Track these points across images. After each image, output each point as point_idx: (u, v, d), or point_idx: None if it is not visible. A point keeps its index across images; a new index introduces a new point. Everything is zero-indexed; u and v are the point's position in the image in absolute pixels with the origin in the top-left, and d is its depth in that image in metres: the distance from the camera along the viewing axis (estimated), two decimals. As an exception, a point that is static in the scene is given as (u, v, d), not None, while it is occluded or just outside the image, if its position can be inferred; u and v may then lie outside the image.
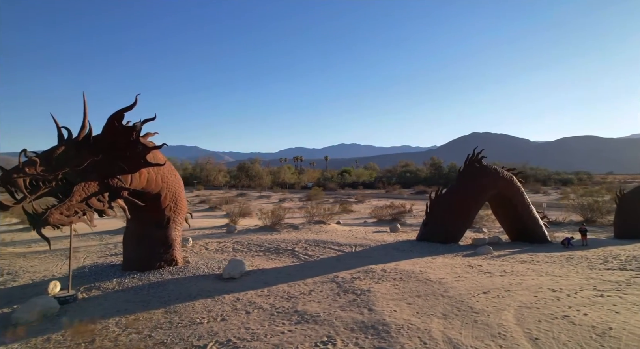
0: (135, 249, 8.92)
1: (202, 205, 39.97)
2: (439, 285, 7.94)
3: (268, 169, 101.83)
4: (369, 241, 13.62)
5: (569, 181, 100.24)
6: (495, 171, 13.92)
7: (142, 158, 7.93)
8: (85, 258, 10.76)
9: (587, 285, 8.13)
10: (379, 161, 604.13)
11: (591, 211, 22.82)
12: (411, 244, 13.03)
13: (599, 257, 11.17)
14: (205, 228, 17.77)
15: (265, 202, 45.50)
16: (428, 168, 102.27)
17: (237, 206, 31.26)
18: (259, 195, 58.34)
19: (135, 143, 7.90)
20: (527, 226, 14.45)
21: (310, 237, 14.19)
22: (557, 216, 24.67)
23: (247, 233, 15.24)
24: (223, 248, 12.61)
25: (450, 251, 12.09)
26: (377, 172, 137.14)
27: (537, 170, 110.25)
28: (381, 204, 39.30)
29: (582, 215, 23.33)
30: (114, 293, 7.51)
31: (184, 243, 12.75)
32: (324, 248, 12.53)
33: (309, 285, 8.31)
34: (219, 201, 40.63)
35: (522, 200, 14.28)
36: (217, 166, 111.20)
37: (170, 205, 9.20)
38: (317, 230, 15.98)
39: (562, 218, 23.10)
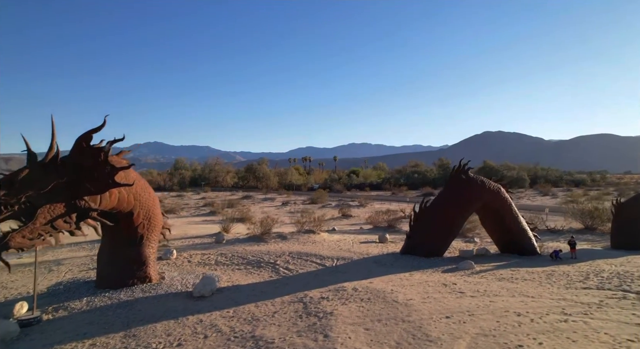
0: (108, 267, 9.08)
1: (205, 208, 40.35)
2: (405, 307, 7.89)
3: (275, 170, 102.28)
4: (353, 253, 13.59)
5: (581, 182, 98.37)
6: (482, 183, 13.74)
7: (111, 179, 8.06)
8: (66, 272, 10.98)
9: (557, 307, 7.99)
10: (389, 160, 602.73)
11: (591, 219, 22.36)
12: (394, 257, 12.96)
13: (580, 273, 10.95)
14: (195, 236, 17.95)
15: (269, 205, 45.74)
16: (437, 169, 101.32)
17: (235, 211, 31.53)
18: (263, 197, 58.63)
19: (103, 164, 8.05)
20: (515, 239, 14.25)
21: (295, 249, 14.23)
22: (557, 224, 24.26)
23: (235, 244, 15.36)
24: (206, 261, 12.74)
25: (432, 265, 12.00)
26: (385, 172, 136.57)
27: (548, 171, 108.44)
28: (383, 208, 39.19)
29: (582, 222, 22.89)
30: (80, 313, 7.65)
31: (168, 256, 12.92)
32: (305, 262, 12.56)
33: (276, 305, 8.35)
34: (221, 205, 41.00)
35: (510, 213, 14.07)
36: (226, 167, 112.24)
37: (144, 223, 9.33)
38: (304, 241, 16.01)
39: (560, 226, 22.69)
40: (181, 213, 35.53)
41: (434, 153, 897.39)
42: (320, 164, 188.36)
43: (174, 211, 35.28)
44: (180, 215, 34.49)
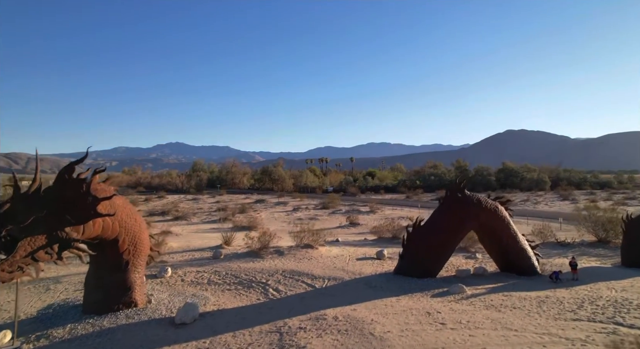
0: (94, 292, 9.33)
1: (216, 213, 40.92)
2: (379, 342, 7.80)
3: (290, 172, 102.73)
4: (346, 273, 13.52)
5: (607, 184, 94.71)
6: (478, 201, 13.43)
7: (93, 209, 8.30)
8: (62, 292, 11.34)
9: (538, 344, 7.73)
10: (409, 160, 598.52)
11: (605, 231, 21.52)
12: (386, 278, 12.82)
13: (575, 300, 10.56)
14: (196, 249, 18.23)
15: (281, 210, 46.02)
16: (454, 171, 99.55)
17: (244, 219, 31.90)
18: (276, 201, 58.99)
19: (85, 195, 8.28)
20: (514, 259, 13.87)
21: (289, 267, 14.27)
22: (568, 236, 23.47)
23: (231, 260, 15.52)
24: (199, 280, 12.93)
25: (422, 288, 11.81)
26: (403, 173, 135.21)
27: (572, 172, 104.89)
28: (394, 214, 38.88)
29: (595, 235, 22.07)
30: (60, 343, 7.91)
31: (162, 274, 13.18)
32: (296, 282, 12.59)
33: (254, 334, 8.40)
34: (232, 211, 41.53)
35: (508, 232, 13.69)
36: (242, 169, 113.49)
37: (129, 249, 9.55)
38: (301, 257, 16.03)
39: (571, 239, 21.93)
40: (192, 218, 36.18)
41: (454, 153, 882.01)
42: (338, 164, 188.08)
43: (185, 217, 35.98)
44: (192, 220, 35.13)
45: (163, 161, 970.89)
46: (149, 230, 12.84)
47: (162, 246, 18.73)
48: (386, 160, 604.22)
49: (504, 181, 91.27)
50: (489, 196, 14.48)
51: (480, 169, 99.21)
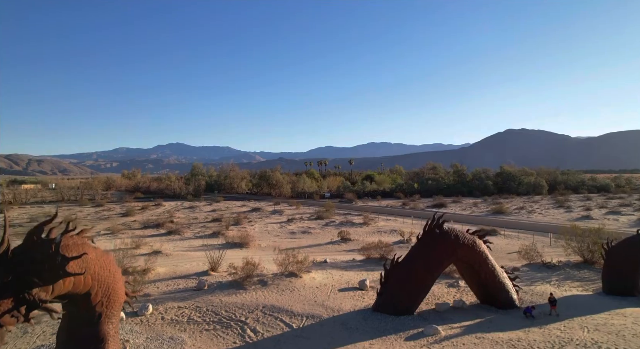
0: (65, 345, 9.45)
1: (211, 225, 41.03)
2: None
3: (288, 177, 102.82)
4: (325, 309, 13.64)
5: (604, 188, 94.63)
6: (456, 237, 13.55)
7: (62, 269, 8.42)
8: (39, 336, 11.48)
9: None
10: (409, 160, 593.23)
11: (590, 252, 21.61)
12: (364, 317, 12.94)
13: (545, 345, 10.68)
14: (182, 276, 18.35)
15: (275, 220, 46.11)
16: (452, 175, 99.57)
17: (236, 234, 31.99)
18: (272, 209, 59.12)
19: (54, 255, 8.40)
20: (492, 292, 14.01)
21: (270, 301, 14.40)
22: (553, 257, 23.57)
23: (214, 292, 15.64)
24: (179, 317, 13.06)
25: (397, 329, 11.93)
26: (402, 176, 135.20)
27: (569, 175, 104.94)
28: (387, 227, 38.97)
29: (581, 256, 22.16)
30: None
31: (143, 311, 13.31)
32: (275, 320, 12.72)
33: (221, 390, 8.54)
34: (227, 221, 41.67)
35: (486, 267, 13.81)
36: (241, 173, 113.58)
37: (102, 301, 9.66)
38: (284, 287, 16.16)
39: (557, 261, 22.01)
40: (186, 232, 36.24)
41: (455, 153, 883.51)
42: (337, 167, 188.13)
43: (179, 231, 36.05)
44: (184, 235, 35.21)
45: (163, 162, 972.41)
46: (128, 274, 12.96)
47: (149, 273, 18.94)
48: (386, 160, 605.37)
49: (501, 185, 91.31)
50: (467, 231, 14.61)
51: (477, 173, 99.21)
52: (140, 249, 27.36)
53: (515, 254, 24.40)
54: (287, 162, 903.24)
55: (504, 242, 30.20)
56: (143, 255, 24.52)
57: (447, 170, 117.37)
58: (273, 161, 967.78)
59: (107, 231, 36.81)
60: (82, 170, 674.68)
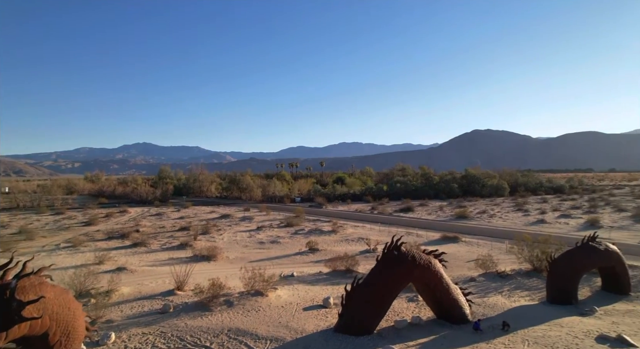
0: (24, 387, 9.40)
1: (179, 234, 40.46)
2: None
3: (259, 181, 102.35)
4: (289, 331, 14.07)
5: (559, 189, 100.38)
6: (413, 258, 14.34)
7: (17, 314, 8.41)
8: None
9: None
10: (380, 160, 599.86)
11: (539, 261, 23.19)
12: (325, 338, 13.45)
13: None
14: (147, 297, 18.25)
15: (245, 228, 46.03)
16: (420, 178, 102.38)
17: (204, 246, 31.81)
18: (242, 215, 58.87)
19: (9, 301, 8.39)
20: (447, 309, 14.93)
21: (235, 324, 14.66)
22: (509, 262, 25.12)
23: (179, 315, 15.71)
24: (143, 346, 13.07)
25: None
26: (372, 177, 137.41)
27: (529, 177, 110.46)
28: (355, 234, 39.83)
29: (531, 264, 23.72)
30: None
31: (105, 341, 13.26)
32: (240, 344, 12.98)
33: None
34: (195, 230, 41.23)
35: (441, 285, 14.70)
36: (210, 177, 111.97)
37: (61, 340, 9.66)
38: (250, 307, 16.46)
39: (510, 270, 23.48)
40: (152, 244, 35.56)
41: (424, 152, 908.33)
42: (308, 168, 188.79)
43: (145, 242, 35.33)
44: (151, 247, 34.57)
45: (130, 162, 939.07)
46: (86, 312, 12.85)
47: (112, 295, 18.70)
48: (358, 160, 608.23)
49: (466, 187, 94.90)
50: (424, 251, 15.48)
51: (444, 176, 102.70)
52: (104, 265, 26.80)
53: (474, 263, 25.74)
54: (259, 162, 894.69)
55: (464, 249, 31.69)
56: (107, 272, 24.11)
57: (415, 172, 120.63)
58: (244, 161, 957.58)
59: (67, 243, 35.50)
60: (39, 171, 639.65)
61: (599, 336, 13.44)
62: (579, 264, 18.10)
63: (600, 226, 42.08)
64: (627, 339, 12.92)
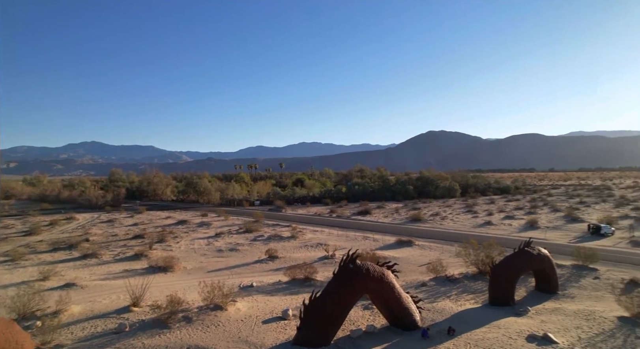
0: None
1: (132, 243, 39.06)
2: None
3: (217, 184, 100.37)
4: (249, 345, 14.35)
5: (506, 190, 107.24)
6: (367, 271, 15.13)
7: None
8: None
9: None
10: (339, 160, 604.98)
11: (484, 265, 25.02)
12: (283, 351, 13.91)
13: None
14: (99, 316, 17.69)
15: (202, 234, 45.26)
16: (377, 180, 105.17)
17: (160, 256, 31.01)
18: (200, 221, 57.64)
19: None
20: (398, 316, 15.90)
21: (195, 340, 14.71)
22: (457, 265, 26.84)
23: (136, 334, 15.47)
24: (96, 370, 12.85)
25: (313, 363, 13.09)
26: (331, 179, 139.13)
27: (478, 179, 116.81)
28: (314, 239, 40.46)
29: (477, 267, 25.54)
30: None
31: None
32: (197, 363, 13.13)
33: None
34: (151, 239, 39.99)
35: (392, 295, 15.63)
36: (166, 180, 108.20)
37: (11, 375, 9.41)
38: (209, 322, 16.52)
39: (459, 273, 25.15)
40: (104, 255, 34.09)
41: (381, 152, 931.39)
42: (267, 169, 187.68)
43: (96, 254, 33.76)
44: (103, 258, 33.14)
45: (76, 162, 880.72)
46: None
47: (61, 315, 17.90)
48: (317, 160, 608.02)
49: (421, 189, 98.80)
50: (377, 263, 16.37)
51: (400, 178, 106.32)
52: (50, 281, 25.48)
53: (425, 267, 27.23)
54: (217, 162, 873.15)
55: (418, 253, 33.35)
56: (53, 290, 22.99)
57: (373, 172, 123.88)
58: (201, 161, 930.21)
59: (5, 257, 32.99)
60: None
61: (529, 335, 14.99)
62: (516, 268, 19.88)
63: (538, 227, 45.80)
64: (551, 337, 14.54)
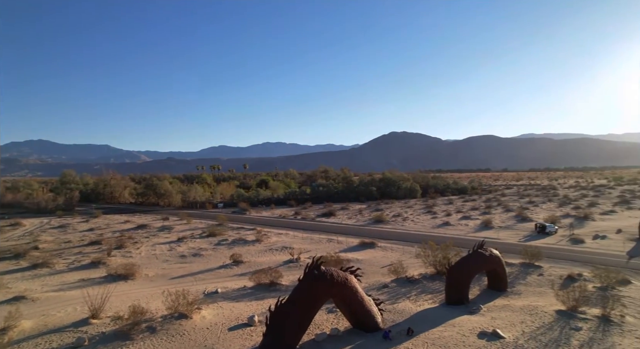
0: None
1: (88, 250, 37.46)
2: None
3: (178, 186, 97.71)
4: (213, 355, 14.49)
5: (463, 190, 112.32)
6: (331, 276, 15.69)
7: None
8: None
9: None
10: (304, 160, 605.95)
11: (441, 266, 26.42)
12: (248, 361, 14.15)
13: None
14: (54, 330, 17.01)
15: (164, 239, 44.18)
16: (341, 181, 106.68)
17: (120, 264, 30.02)
18: (161, 225, 56.08)
19: None
20: (361, 319, 16.60)
21: (157, 354, 14.63)
22: (417, 266, 28.11)
23: (96, 348, 15.10)
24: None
25: (279, 368, 13.46)
26: (295, 179, 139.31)
27: (438, 179, 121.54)
28: (279, 242, 40.69)
29: (435, 268, 26.92)
30: None
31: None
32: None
33: None
34: (109, 245, 38.54)
35: (355, 299, 16.31)
36: (123, 182, 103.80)
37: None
38: (174, 332, 16.42)
39: (418, 274, 26.39)
40: (57, 263, 32.43)
41: (346, 153, 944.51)
42: (230, 170, 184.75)
43: (48, 263, 31.99)
44: (56, 267, 31.52)
45: (21, 162, 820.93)
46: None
47: (10, 332, 17.03)
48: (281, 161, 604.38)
49: (384, 190, 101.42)
50: (341, 268, 16.99)
51: (363, 179, 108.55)
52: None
53: (387, 269, 28.29)
54: (178, 162, 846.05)
55: (380, 255, 34.50)
56: (0, 304, 21.74)
57: (338, 173, 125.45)
58: (161, 161, 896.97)
59: (-56, 269, 30.72)
60: None
61: (480, 332, 16.18)
62: (470, 269, 21.25)
63: (492, 227, 48.64)
64: (499, 332, 15.80)
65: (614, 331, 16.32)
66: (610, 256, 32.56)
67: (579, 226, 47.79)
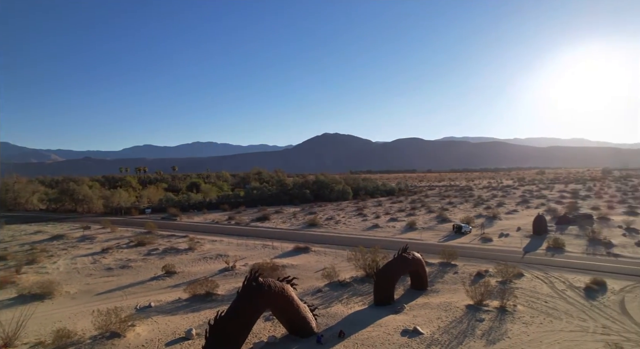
0: None
1: (-7, 269, 33.64)
2: None
3: (100, 191, 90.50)
4: (151, 372, 14.52)
5: (391, 192, 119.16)
6: (269, 287, 16.53)
7: None
8: None
9: None
10: (236, 160, 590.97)
11: (370, 268, 28.52)
12: (189, 373, 14.46)
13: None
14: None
15: (85, 251, 41.18)
16: (275, 183, 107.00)
17: (34, 280, 27.60)
18: (81, 234, 51.85)
19: None
20: (297, 326, 17.68)
21: (90, 375, 14.24)
22: (347, 273, 29.93)
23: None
24: None
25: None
26: (228, 181, 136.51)
27: (368, 182, 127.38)
28: (213, 250, 40.18)
29: (364, 271, 28.96)
30: None
31: None
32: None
33: None
34: (19, 261, 35.00)
35: (291, 307, 17.35)
36: (31, 186, 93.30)
37: None
38: (106, 353, 16.02)
39: (350, 277, 28.19)
40: (-45, 284, 28.79)
41: (279, 153, 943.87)
42: (158, 172, 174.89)
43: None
44: (-47, 289, 28.00)
45: None
46: None
47: None
48: (213, 161, 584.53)
49: (317, 192, 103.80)
50: (278, 278, 17.93)
51: (297, 181, 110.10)
52: None
53: (321, 273, 29.71)
54: (96, 162, 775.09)
55: (314, 259, 35.87)
56: None
57: (271, 175, 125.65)
58: (77, 161, 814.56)
59: None
60: None
61: (403, 330, 18.19)
62: (395, 272, 23.42)
63: (416, 228, 52.79)
64: (419, 329, 17.95)
65: (507, 319, 19.40)
66: (510, 252, 37.44)
67: (489, 226, 53.83)
